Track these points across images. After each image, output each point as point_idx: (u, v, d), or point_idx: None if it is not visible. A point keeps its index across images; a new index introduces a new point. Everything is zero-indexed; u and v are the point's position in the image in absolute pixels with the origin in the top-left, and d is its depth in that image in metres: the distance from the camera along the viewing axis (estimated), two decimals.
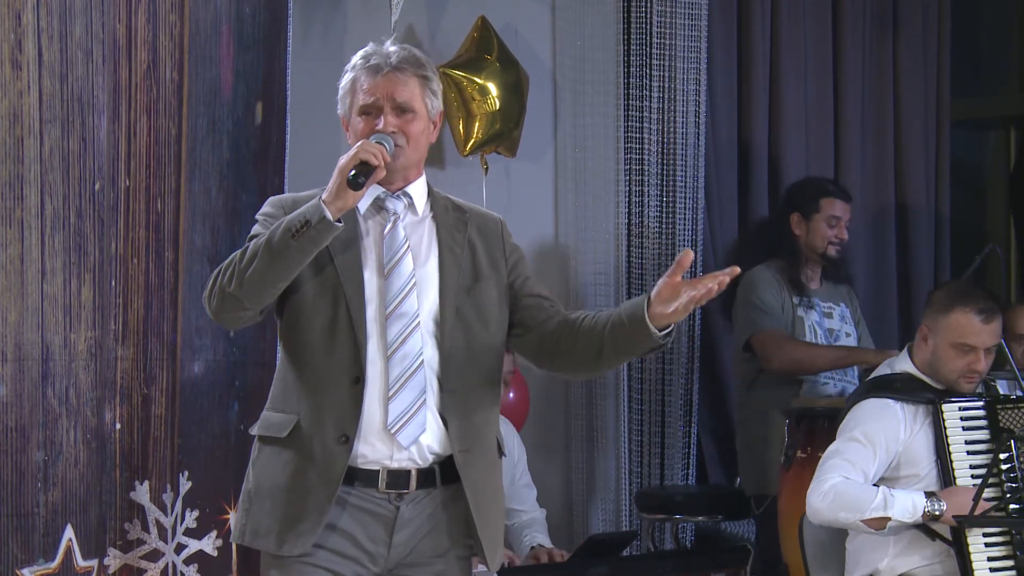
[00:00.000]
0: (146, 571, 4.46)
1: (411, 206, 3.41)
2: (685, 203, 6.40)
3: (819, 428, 5.19)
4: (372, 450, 3.29)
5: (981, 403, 4.53)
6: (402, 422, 3.28)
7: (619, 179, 6.42)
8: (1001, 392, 4.77)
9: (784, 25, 6.78)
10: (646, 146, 6.38)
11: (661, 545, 6.25)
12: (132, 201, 4.41)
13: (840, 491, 4.41)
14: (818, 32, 6.88)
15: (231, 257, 3.26)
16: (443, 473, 3.33)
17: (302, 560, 3.28)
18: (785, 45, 6.78)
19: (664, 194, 6.41)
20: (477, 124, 5.90)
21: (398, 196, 3.38)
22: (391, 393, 3.28)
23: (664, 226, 6.40)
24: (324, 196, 3.19)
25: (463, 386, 3.35)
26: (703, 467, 6.56)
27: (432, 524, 3.34)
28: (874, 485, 4.44)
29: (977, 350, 4.53)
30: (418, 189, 3.43)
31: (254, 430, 3.39)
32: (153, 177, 4.45)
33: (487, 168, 6.04)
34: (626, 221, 6.41)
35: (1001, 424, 4.48)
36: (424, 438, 3.30)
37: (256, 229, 3.35)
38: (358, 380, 3.27)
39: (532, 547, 5.15)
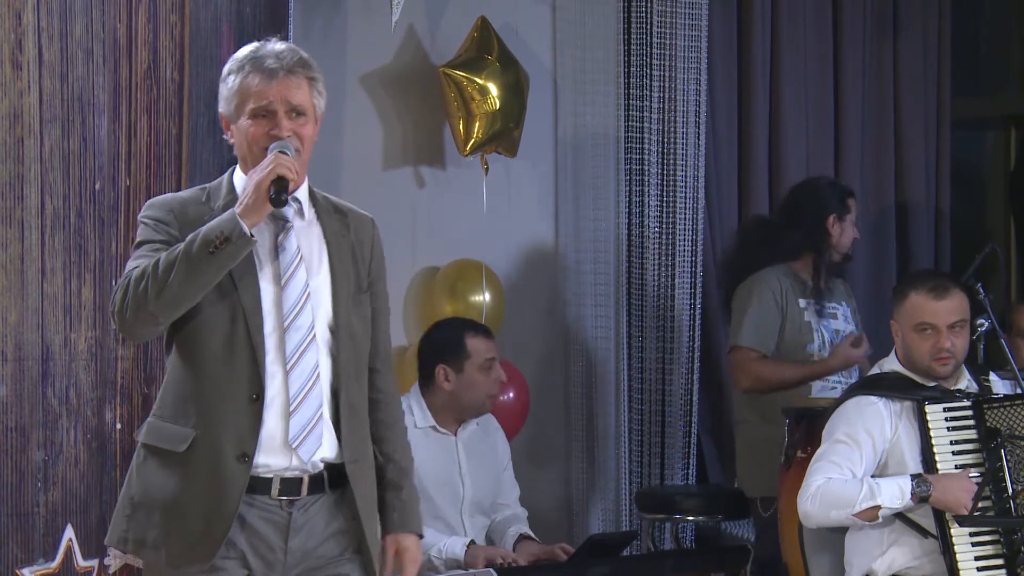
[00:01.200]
0: None
1: (300, 211, 3.39)
2: (685, 203, 6.39)
3: (819, 428, 5.16)
4: (270, 462, 3.28)
5: (968, 403, 4.52)
6: (302, 437, 3.28)
7: (619, 179, 6.42)
8: (996, 392, 4.75)
9: (784, 25, 6.77)
10: (646, 146, 6.38)
11: (661, 545, 6.25)
12: (133, 201, 4.41)
13: (826, 491, 4.43)
14: (818, 32, 6.88)
15: (140, 269, 3.20)
16: (330, 478, 3.35)
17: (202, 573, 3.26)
18: (785, 45, 6.77)
19: (664, 194, 6.40)
20: (477, 124, 5.89)
21: (287, 202, 3.32)
22: (292, 408, 3.27)
23: (664, 226, 6.40)
24: (239, 210, 3.18)
25: (352, 397, 3.37)
26: (703, 467, 6.56)
27: (325, 530, 3.36)
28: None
29: (938, 328, 4.54)
30: (304, 193, 3.41)
31: (140, 436, 3.34)
32: (154, 177, 4.45)
33: (487, 168, 6.03)
34: (626, 221, 6.41)
35: (988, 424, 4.47)
36: (320, 453, 3.32)
37: (145, 233, 3.31)
38: (257, 397, 3.25)
39: (520, 535, 5.15)
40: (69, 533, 4.29)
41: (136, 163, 4.42)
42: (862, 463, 4.47)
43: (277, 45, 3.35)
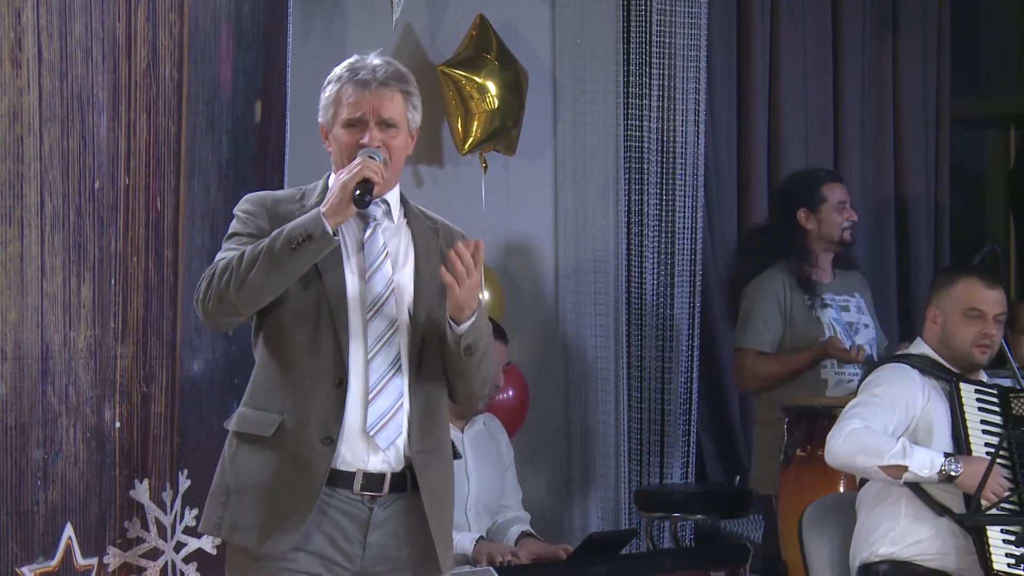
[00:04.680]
0: (145, 569, 4.46)
1: (388, 213, 3.49)
2: (684, 202, 6.40)
3: (818, 427, 5.19)
4: (351, 452, 3.36)
5: (995, 390, 4.59)
6: (380, 425, 3.35)
7: (618, 178, 6.43)
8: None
9: (784, 24, 6.78)
10: (645, 145, 6.38)
11: (660, 543, 6.25)
12: (132, 199, 4.41)
13: (861, 434, 4.44)
14: (818, 31, 6.89)
15: (225, 261, 3.32)
16: (412, 478, 3.41)
17: (281, 564, 3.33)
18: (785, 44, 6.78)
19: (663, 193, 6.41)
20: (476, 123, 5.90)
21: (376, 203, 3.43)
22: (371, 396, 3.35)
23: (663, 224, 6.40)
24: (324, 210, 3.29)
25: (431, 390, 3.44)
26: (702, 465, 6.56)
27: (407, 531, 3.41)
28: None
29: (986, 316, 4.60)
30: (394, 197, 3.51)
31: (231, 425, 3.44)
32: (153, 175, 4.46)
33: (486, 167, 6.04)
34: (625, 220, 6.41)
35: (1014, 411, 4.54)
36: (400, 441, 3.39)
37: (237, 226, 3.43)
38: (341, 382, 3.34)
39: (522, 532, 5.16)
40: (68, 531, 4.30)
41: (135, 162, 4.42)
42: (893, 421, 4.49)
43: (375, 59, 3.49)
